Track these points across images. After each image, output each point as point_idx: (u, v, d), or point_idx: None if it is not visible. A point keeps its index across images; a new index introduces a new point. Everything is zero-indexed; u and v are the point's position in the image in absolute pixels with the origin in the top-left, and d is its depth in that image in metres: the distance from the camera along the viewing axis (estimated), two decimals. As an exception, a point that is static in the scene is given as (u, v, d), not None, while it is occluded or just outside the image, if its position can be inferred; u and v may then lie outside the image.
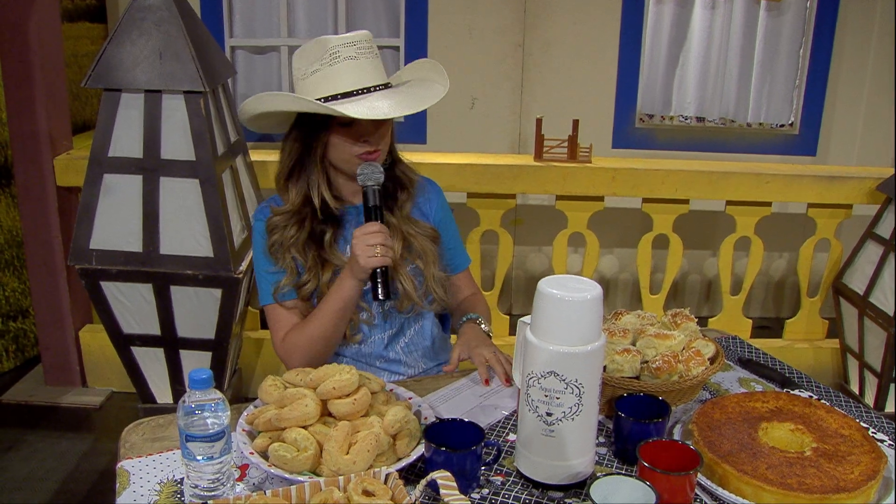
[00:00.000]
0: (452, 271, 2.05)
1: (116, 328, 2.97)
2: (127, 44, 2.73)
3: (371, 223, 1.73)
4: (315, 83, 1.74)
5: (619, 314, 1.76)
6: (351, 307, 1.81)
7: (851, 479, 1.30)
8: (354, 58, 1.73)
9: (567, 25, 4.29)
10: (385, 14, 4.39)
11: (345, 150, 1.78)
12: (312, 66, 1.75)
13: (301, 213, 1.85)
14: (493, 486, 1.33)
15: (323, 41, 1.74)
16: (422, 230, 1.93)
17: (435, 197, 2.04)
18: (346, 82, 1.73)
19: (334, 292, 1.80)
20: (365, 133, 1.77)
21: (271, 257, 1.87)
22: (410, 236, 1.90)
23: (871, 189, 3.49)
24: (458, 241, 2.09)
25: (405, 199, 1.94)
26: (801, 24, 4.47)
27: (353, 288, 1.77)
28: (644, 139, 4.53)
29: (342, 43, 1.73)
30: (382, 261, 1.70)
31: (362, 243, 1.70)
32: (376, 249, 1.69)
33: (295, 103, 1.76)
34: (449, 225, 2.05)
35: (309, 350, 1.83)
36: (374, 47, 1.78)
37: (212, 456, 1.19)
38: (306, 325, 1.84)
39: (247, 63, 4.47)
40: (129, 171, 2.79)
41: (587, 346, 1.25)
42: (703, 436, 1.41)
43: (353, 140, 1.77)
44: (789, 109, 4.61)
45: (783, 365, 1.88)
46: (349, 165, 1.80)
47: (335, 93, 1.73)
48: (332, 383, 1.36)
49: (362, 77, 1.74)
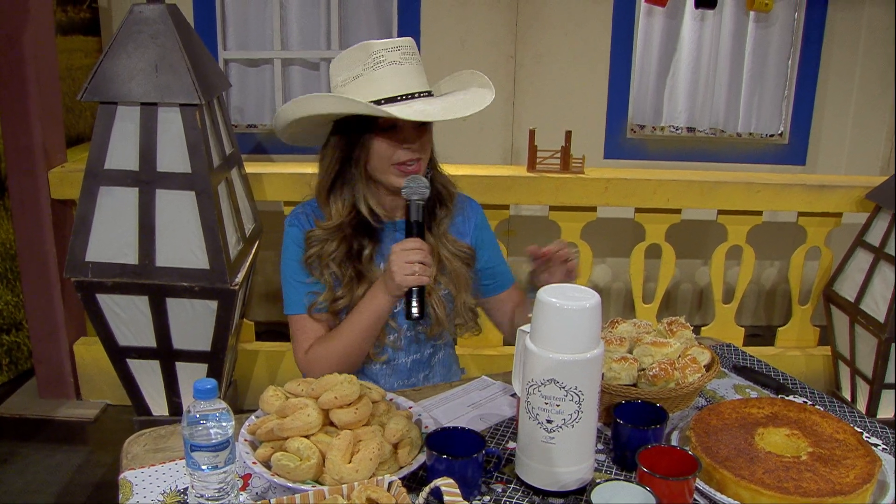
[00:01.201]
0: (497, 290, 2.01)
1: (112, 340, 2.97)
2: (123, 57, 2.74)
3: (412, 239, 1.68)
4: (356, 88, 1.69)
5: (616, 323, 1.78)
6: (381, 323, 1.77)
7: (847, 482, 1.32)
8: (399, 63, 1.69)
9: (558, 37, 4.32)
10: (378, 26, 4.42)
11: (386, 158, 1.73)
12: (354, 70, 1.70)
13: (343, 228, 1.80)
14: (494, 494, 1.34)
15: (366, 46, 1.69)
16: (458, 251, 1.88)
17: (473, 215, 1.98)
18: (390, 87, 1.68)
19: (365, 307, 1.75)
20: (407, 139, 1.72)
21: (306, 269, 1.82)
22: (445, 259, 1.85)
23: (860, 197, 3.53)
24: (502, 259, 2.04)
25: (443, 215, 1.88)
26: (789, 35, 4.52)
27: (386, 303, 1.73)
28: (635, 150, 4.56)
29: (387, 47, 1.69)
30: (419, 280, 1.65)
31: (401, 259, 1.65)
32: (415, 267, 1.64)
33: (341, 104, 1.69)
34: (490, 243, 2.01)
35: (334, 364, 1.76)
36: (417, 54, 1.74)
37: (216, 465, 1.20)
38: (332, 338, 1.79)
39: (240, 76, 4.49)
40: (126, 184, 2.79)
41: (586, 353, 1.27)
42: (700, 442, 1.43)
43: (394, 147, 1.72)
44: (779, 119, 4.65)
45: (777, 371, 1.91)
46: (388, 176, 1.75)
47: (378, 97, 1.67)
48: (333, 393, 1.37)
49: (406, 82, 1.70)
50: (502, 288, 2.01)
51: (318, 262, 1.81)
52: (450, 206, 1.90)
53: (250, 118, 4.55)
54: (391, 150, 1.73)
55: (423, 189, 1.70)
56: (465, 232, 1.95)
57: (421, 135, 1.75)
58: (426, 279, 1.66)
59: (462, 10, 4.26)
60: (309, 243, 1.81)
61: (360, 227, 1.81)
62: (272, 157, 4.41)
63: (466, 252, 1.90)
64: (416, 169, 1.75)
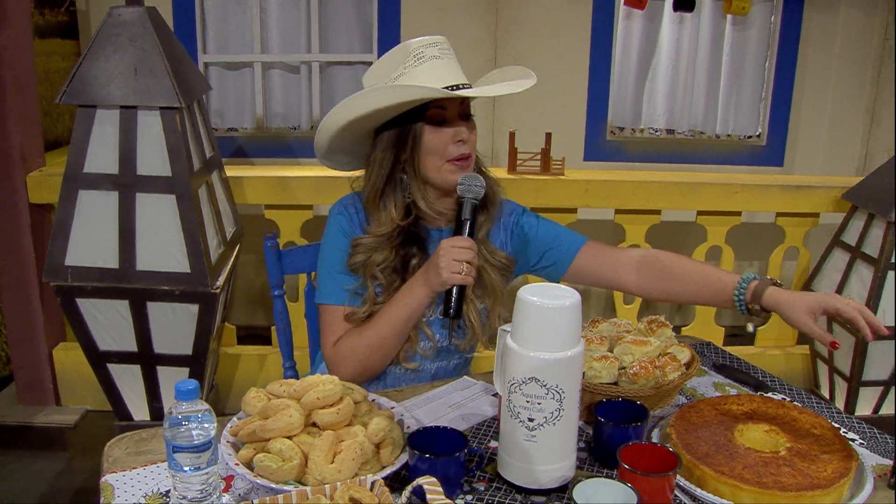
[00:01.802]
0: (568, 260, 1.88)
1: (92, 345, 2.96)
2: (101, 60, 2.73)
3: (463, 237, 1.66)
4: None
5: (596, 322, 1.79)
6: (415, 318, 1.74)
7: (825, 476, 1.34)
8: (439, 57, 1.68)
9: (538, 39, 4.34)
10: (358, 29, 4.42)
11: (439, 154, 1.71)
12: (395, 71, 1.69)
13: (392, 238, 1.77)
14: (477, 493, 1.35)
15: (404, 46, 1.69)
16: (496, 260, 1.83)
17: (515, 221, 1.92)
18: (434, 80, 1.66)
19: (402, 300, 1.72)
20: (459, 132, 1.71)
21: (348, 269, 1.78)
22: (482, 268, 1.79)
23: (836, 198, 3.57)
24: (558, 231, 1.92)
25: (484, 219, 1.84)
26: (766, 37, 4.57)
27: (425, 297, 1.70)
28: (615, 152, 4.59)
29: (425, 44, 1.68)
30: (465, 279, 1.63)
31: (449, 256, 1.62)
32: (462, 266, 1.62)
33: (396, 93, 1.64)
34: (539, 227, 1.91)
35: (362, 359, 1.74)
36: (453, 52, 1.73)
37: (199, 466, 1.20)
38: (364, 330, 1.75)
39: (221, 79, 4.47)
40: (105, 188, 2.78)
41: (567, 351, 1.28)
42: (680, 438, 1.44)
43: (445, 141, 1.70)
44: (756, 121, 4.70)
45: (756, 369, 1.93)
46: (443, 173, 1.72)
47: None
48: (315, 393, 1.37)
49: (449, 75, 1.68)
50: (572, 255, 1.88)
51: (364, 270, 1.77)
52: (492, 210, 1.86)
53: (231, 122, 4.54)
54: (443, 145, 1.71)
55: (478, 188, 1.68)
56: (505, 241, 1.90)
57: (470, 127, 1.74)
58: (471, 280, 1.65)
59: (442, 14, 4.27)
60: (355, 250, 1.78)
61: (410, 235, 1.78)
62: (253, 160, 4.40)
63: (504, 262, 1.86)
64: (469, 164, 1.74)
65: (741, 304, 1.66)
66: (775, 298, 1.60)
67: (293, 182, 3.41)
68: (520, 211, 1.95)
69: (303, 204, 3.47)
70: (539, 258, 1.91)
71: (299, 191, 3.42)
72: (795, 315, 1.56)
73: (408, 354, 1.81)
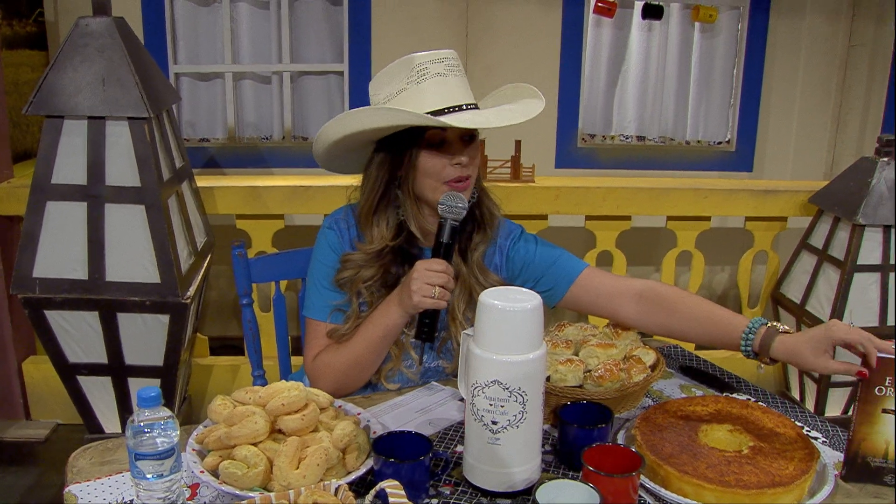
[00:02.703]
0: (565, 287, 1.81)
1: (62, 357, 2.93)
2: (69, 70, 2.72)
3: (438, 260, 1.61)
4: (402, 103, 1.63)
5: (563, 326, 1.80)
6: (392, 337, 1.70)
7: (786, 474, 1.36)
8: (443, 74, 1.63)
9: (508, 49, 4.37)
10: (329, 40, 4.44)
11: (435, 175, 1.66)
12: (397, 85, 1.64)
13: (383, 255, 1.74)
14: (443, 497, 1.35)
15: (408, 60, 1.64)
16: (488, 282, 1.78)
17: (512, 244, 1.87)
18: (437, 99, 1.62)
19: (378, 319, 1.69)
20: (456, 153, 1.66)
21: (335, 285, 1.76)
22: (475, 292, 1.71)
23: (803, 202, 3.61)
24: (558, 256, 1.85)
25: (480, 240, 1.80)
26: (733, 44, 4.63)
27: (399, 318, 1.67)
28: (586, 159, 4.63)
29: (430, 60, 1.63)
30: (436, 304, 1.59)
31: (422, 280, 1.59)
32: (434, 290, 1.58)
33: (389, 116, 1.61)
34: (537, 252, 1.86)
35: (338, 374, 1.72)
36: (461, 65, 1.68)
37: (161, 474, 1.20)
38: (342, 347, 1.73)
39: (192, 90, 4.47)
40: (73, 198, 2.76)
41: (529, 354, 1.29)
42: (645, 440, 1.45)
43: (443, 163, 1.65)
44: (725, 127, 4.76)
45: (722, 371, 1.95)
46: (437, 194, 1.66)
47: (424, 110, 1.61)
48: (280, 400, 1.37)
49: (453, 94, 1.64)
50: (568, 282, 1.81)
51: (351, 286, 1.75)
52: (489, 231, 1.82)
53: (202, 132, 4.53)
54: (440, 167, 1.66)
55: (459, 208, 1.62)
56: (499, 264, 1.86)
57: (471, 149, 1.68)
58: (444, 304, 1.61)
59: (413, 23, 4.29)
60: (344, 265, 1.75)
61: (400, 253, 1.75)
62: (224, 170, 4.40)
63: (495, 285, 1.77)
64: (466, 186, 1.68)
65: (748, 353, 1.61)
66: (785, 349, 1.54)
67: (264, 192, 3.40)
68: (517, 233, 1.90)
69: (274, 214, 3.46)
70: (535, 283, 1.85)
71: (270, 200, 3.41)
72: (809, 363, 1.50)
73: (390, 374, 1.79)
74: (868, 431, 1.41)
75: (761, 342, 1.57)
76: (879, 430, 1.40)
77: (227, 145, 4.47)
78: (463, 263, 1.78)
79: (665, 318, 1.72)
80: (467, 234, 1.79)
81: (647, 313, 1.74)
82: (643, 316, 1.75)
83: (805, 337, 1.51)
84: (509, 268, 1.87)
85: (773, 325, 1.58)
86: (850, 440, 1.43)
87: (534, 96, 1.73)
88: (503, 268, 1.87)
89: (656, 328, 1.75)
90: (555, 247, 1.88)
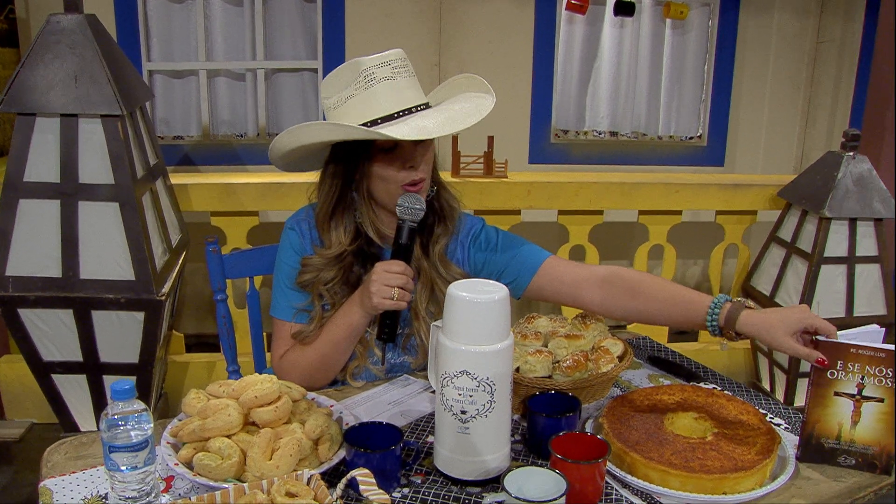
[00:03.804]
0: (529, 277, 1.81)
1: (36, 356, 2.92)
2: (41, 67, 2.71)
3: (397, 262, 1.63)
4: (351, 109, 1.63)
5: (532, 318, 1.83)
6: (355, 337, 1.73)
7: (748, 458, 1.39)
8: (391, 78, 1.62)
9: (481, 45, 4.40)
10: (303, 36, 4.44)
11: (388, 180, 1.68)
12: (346, 91, 1.63)
13: (342, 258, 1.75)
14: (414, 486, 1.38)
15: (355, 64, 1.62)
16: (451, 276, 1.79)
17: (473, 239, 1.88)
18: (386, 105, 1.62)
19: (340, 319, 1.71)
20: (409, 158, 1.66)
21: (297, 286, 1.78)
22: (437, 287, 1.77)
23: (772, 195, 3.67)
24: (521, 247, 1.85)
25: (441, 233, 1.81)
26: (704, 41, 4.69)
27: (360, 319, 1.69)
28: (560, 154, 4.67)
29: (377, 63, 1.62)
30: (396, 305, 1.61)
31: (381, 281, 1.60)
32: (393, 292, 1.60)
33: (335, 131, 1.63)
34: (499, 243, 1.87)
35: (304, 372, 1.73)
36: (409, 65, 1.67)
37: (136, 466, 1.21)
38: (307, 347, 1.75)
39: (166, 87, 4.46)
40: (46, 196, 2.76)
41: (497, 344, 1.31)
42: (612, 428, 1.49)
43: (396, 167, 1.66)
44: (697, 122, 4.82)
45: (690, 361, 1.98)
46: (393, 198, 1.68)
47: (374, 117, 1.61)
48: (253, 392, 1.39)
49: (402, 98, 1.63)
50: (531, 271, 1.81)
51: (311, 288, 1.76)
52: (449, 224, 1.82)
53: (177, 130, 4.52)
54: (393, 171, 1.67)
55: (417, 209, 1.64)
56: (462, 258, 1.87)
57: (423, 151, 1.69)
58: (403, 305, 1.62)
59: (386, 20, 4.31)
60: (304, 269, 1.77)
61: (361, 255, 1.76)
62: (199, 168, 4.39)
63: (459, 279, 1.73)
64: (421, 187, 1.70)
65: (714, 329, 1.58)
66: (751, 324, 1.52)
67: (238, 188, 3.41)
68: (479, 226, 1.91)
69: (249, 210, 3.47)
70: (499, 275, 1.85)
71: (245, 197, 3.42)
72: (777, 340, 1.48)
73: (356, 371, 1.80)
74: (821, 414, 1.46)
75: (727, 317, 1.55)
76: (832, 412, 1.45)
77: (202, 143, 4.47)
78: (424, 257, 1.79)
79: (629, 302, 1.71)
80: (428, 228, 1.80)
81: (611, 298, 1.73)
82: (608, 301, 1.74)
83: (777, 315, 1.50)
84: (472, 262, 1.88)
85: (737, 300, 1.58)
86: (805, 422, 1.48)
87: (486, 91, 1.73)
88: (465, 262, 1.88)
89: (622, 312, 1.74)
90: (517, 238, 1.89)
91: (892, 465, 1.43)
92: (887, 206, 3.26)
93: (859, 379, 1.42)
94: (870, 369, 1.41)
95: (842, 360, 1.43)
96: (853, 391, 1.43)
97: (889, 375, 1.40)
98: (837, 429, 1.45)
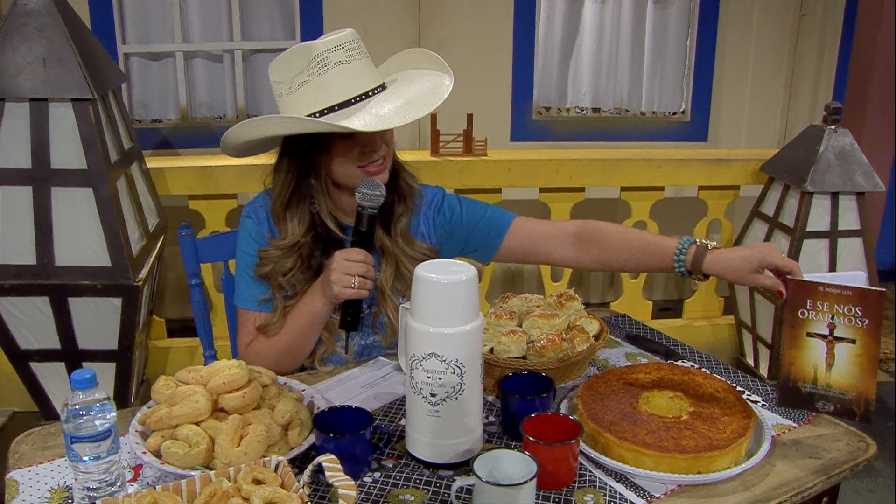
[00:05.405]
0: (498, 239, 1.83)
1: (13, 345, 2.90)
2: (8, 51, 2.66)
3: (356, 250, 1.61)
4: (305, 96, 1.59)
5: (507, 297, 1.81)
6: (319, 324, 1.72)
7: (723, 437, 1.38)
8: (346, 62, 1.58)
9: (461, 22, 4.35)
10: (280, 16, 4.39)
11: (349, 166, 1.66)
12: (298, 77, 1.58)
13: (299, 245, 1.72)
14: (386, 470, 1.36)
15: (306, 48, 1.57)
16: (417, 251, 1.78)
17: (437, 210, 1.87)
18: (342, 91, 1.58)
19: (303, 307, 1.70)
20: (368, 143, 1.64)
21: (258, 277, 1.75)
22: (402, 264, 1.76)
23: (755, 170, 3.66)
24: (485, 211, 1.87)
25: (402, 211, 1.79)
26: (686, 15, 4.65)
27: (323, 307, 1.68)
28: (542, 131, 4.63)
29: (329, 47, 1.57)
30: (357, 293, 1.60)
31: (341, 269, 1.59)
32: (354, 280, 1.58)
33: (294, 125, 1.61)
34: (463, 210, 1.86)
35: (270, 360, 1.70)
36: (362, 47, 1.62)
37: (98, 455, 1.19)
38: (271, 336, 1.74)
39: (142, 70, 4.39)
40: (18, 182, 2.72)
41: (465, 326, 1.30)
42: (586, 408, 1.48)
43: (356, 153, 1.64)
44: (680, 97, 4.79)
45: (668, 338, 1.97)
46: (354, 180, 1.66)
47: (330, 104, 1.58)
48: (221, 378, 1.37)
49: (357, 82, 1.60)
50: (500, 233, 1.84)
51: (271, 279, 1.74)
52: (409, 202, 1.81)
53: (154, 113, 4.46)
54: (353, 158, 1.65)
55: (377, 195, 1.62)
56: (426, 232, 1.86)
57: (382, 133, 1.66)
58: (364, 293, 1.61)
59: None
60: (262, 261, 1.74)
61: (321, 241, 1.74)
62: (178, 151, 4.34)
63: (425, 254, 1.79)
64: (383, 168, 1.68)
65: (682, 271, 1.63)
66: (716, 264, 1.56)
67: (216, 171, 3.37)
68: (440, 197, 1.89)
69: (227, 193, 3.43)
70: (466, 241, 1.87)
71: (223, 180, 3.38)
72: (741, 279, 1.54)
73: (325, 356, 1.80)
74: (795, 355, 1.44)
75: (692, 261, 1.60)
76: (806, 353, 1.43)
77: (180, 125, 4.42)
78: (387, 236, 1.77)
79: (600, 252, 1.75)
80: (388, 207, 1.77)
81: (582, 251, 1.77)
82: (580, 254, 1.78)
83: (739, 254, 1.54)
84: (437, 233, 1.87)
85: (702, 241, 1.61)
86: (780, 365, 1.46)
87: (442, 70, 1.71)
88: (431, 235, 1.87)
89: (594, 264, 1.78)
90: (480, 202, 1.89)
91: (870, 412, 1.40)
92: (869, 179, 3.25)
93: (829, 319, 1.40)
94: (839, 308, 1.39)
95: (811, 300, 1.41)
96: (825, 331, 1.41)
97: (858, 314, 1.38)
98: (813, 371, 1.43)
